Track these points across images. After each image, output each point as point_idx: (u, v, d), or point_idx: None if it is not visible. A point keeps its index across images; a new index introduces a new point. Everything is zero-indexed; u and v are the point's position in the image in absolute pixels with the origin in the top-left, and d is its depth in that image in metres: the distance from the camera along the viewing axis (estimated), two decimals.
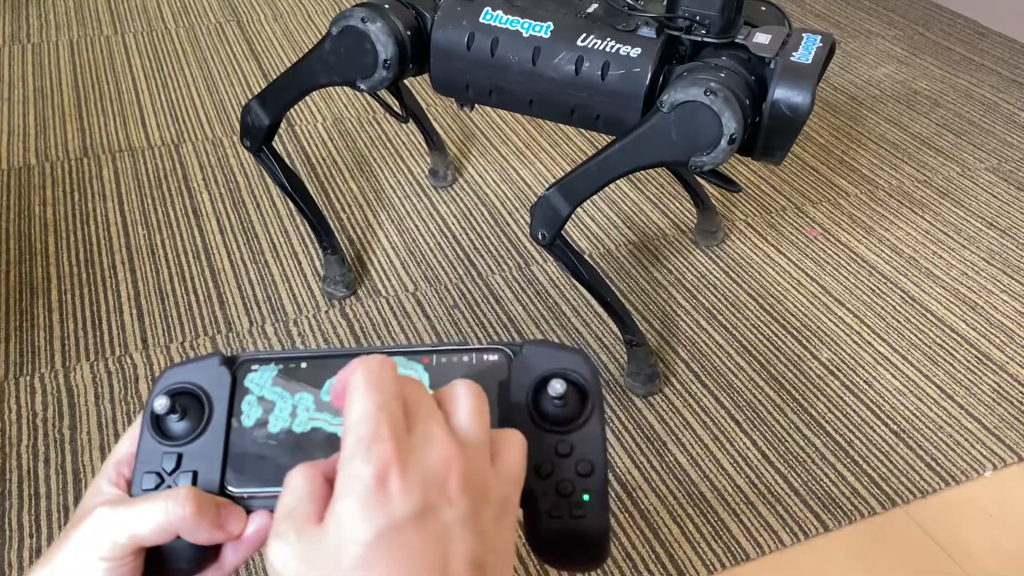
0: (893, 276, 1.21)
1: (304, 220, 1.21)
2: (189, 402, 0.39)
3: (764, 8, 0.94)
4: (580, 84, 0.88)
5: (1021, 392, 1.04)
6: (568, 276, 1.17)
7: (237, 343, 1.07)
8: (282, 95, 1.01)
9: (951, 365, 1.07)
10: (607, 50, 0.87)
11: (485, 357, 0.39)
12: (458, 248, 1.24)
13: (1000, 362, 1.08)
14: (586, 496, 0.37)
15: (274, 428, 0.37)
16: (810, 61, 0.83)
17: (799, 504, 0.90)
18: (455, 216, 1.30)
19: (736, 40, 0.86)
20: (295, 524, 0.30)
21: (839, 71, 1.74)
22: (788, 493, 0.91)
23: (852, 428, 0.99)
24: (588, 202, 1.22)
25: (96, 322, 1.09)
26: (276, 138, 1.05)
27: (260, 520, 0.37)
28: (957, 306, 1.17)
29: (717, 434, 0.97)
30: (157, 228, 1.25)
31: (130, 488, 0.38)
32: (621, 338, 1.01)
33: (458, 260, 1.22)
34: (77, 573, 0.34)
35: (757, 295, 1.17)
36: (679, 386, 1.03)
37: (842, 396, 1.02)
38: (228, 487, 0.37)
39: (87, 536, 0.35)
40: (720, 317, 1.13)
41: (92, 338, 1.07)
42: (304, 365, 0.39)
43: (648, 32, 0.86)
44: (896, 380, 1.05)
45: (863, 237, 1.29)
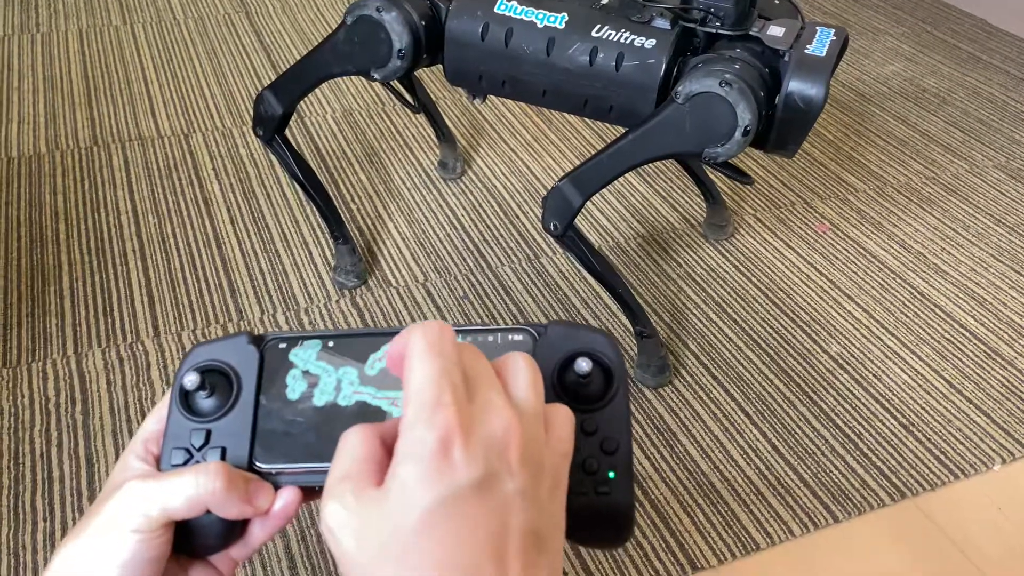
0: (902, 271, 1.22)
1: (315, 210, 1.21)
2: (218, 379, 0.39)
3: (778, 2, 0.94)
4: (594, 75, 0.88)
5: None
6: (579, 268, 1.18)
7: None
8: (295, 84, 1.02)
9: (960, 360, 1.08)
10: (621, 41, 0.87)
11: (510, 337, 0.40)
12: (468, 239, 1.24)
13: (1009, 357, 1.08)
14: (611, 473, 0.37)
15: (319, 401, 0.38)
16: (824, 54, 0.83)
17: (809, 495, 0.90)
18: (465, 208, 1.30)
19: (750, 32, 0.86)
20: (353, 485, 0.30)
21: (847, 68, 1.74)
22: (798, 484, 0.92)
23: (861, 421, 0.99)
24: (597, 195, 1.22)
25: (107, 309, 1.09)
26: (286, 129, 1.05)
27: (288, 496, 0.38)
28: (966, 302, 1.17)
29: (727, 426, 0.98)
30: (168, 217, 1.26)
31: (159, 464, 0.38)
32: (631, 330, 1.01)
33: (468, 251, 1.22)
34: (109, 545, 0.35)
35: (767, 289, 1.17)
36: (689, 378, 1.03)
37: (851, 389, 1.03)
38: (256, 463, 0.38)
39: (118, 509, 0.35)
40: (730, 310, 1.14)
41: (104, 325, 1.07)
42: (346, 341, 0.39)
43: (663, 24, 0.87)
44: (905, 374, 1.05)
45: (872, 232, 1.29)
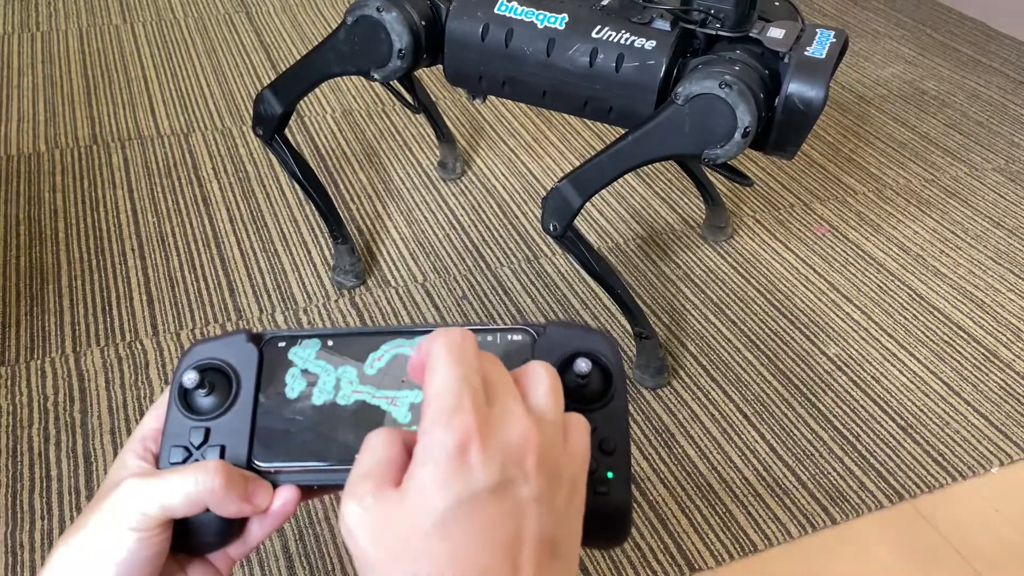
0: (900, 273, 1.22)
1: (315, 209, 1.21)
2: (217, 377, 0.39)
3: (777, 3, 0.94)
4: (594, 76, 0.89)
5: None
6: (578, 269, 1.18)
7: None
8: (295, 84, 1.02)
9: (958, 362, 1.08)
10: (622, 42, 0.87)
11: (510, 337, 0.40)
12: (467, 240, 1.24)
13: (1007, 360, 1.08)
14: (610, 473, 0.37)
15: (318, 400, 0.38)
16: (824, 56, 0.84)
17: (807, 497, 0.91)
18: (464, 208, 1.30)
19: (750, 34, 0.86)
20: (372, 485, 0.31)
21: (847, 70, 1.74)
22: (796, 486, 0.92)
23: (859, 423, 0.99)
24: (597, 197, 1.23)
25: (106, 308, 1.09)
26: (286, 129, 1.05)
27: (286, 494, 0.38)
28: (964, 304, 1.17)
29: (725, 427, 0.98)
30: (167, 216, 1.26)
31: (157, 462, 0.38)
32: (630, 331, 1.02)
33: (467, 252, 1.22)
34: (107, 543, 0.35)
35: (765, 290, 1.17)
36: (687, 379, 1.03)
37: (849, 391, 1.03)
38: (255, 462, 0.38)
39: (117, 507, 0.35)
40: (728, 312, 1.14)
41: (102, 324, 1.07)
42: (346, 340, 0.39)
43: (663, 25, 0.87)
44: (903, 376, 1.05)
45: (871, 235, 1.29)
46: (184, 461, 0.38)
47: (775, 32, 0.85)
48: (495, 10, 0.91)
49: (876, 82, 1.71)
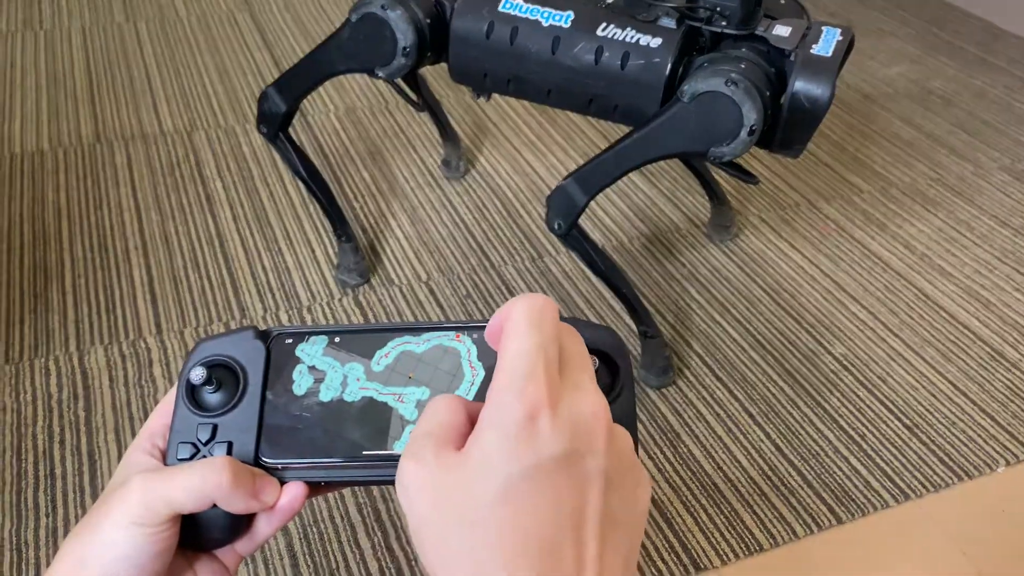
0: (907, 273, 1.21)
1: (319, 208, 1.21)
2: (224, 374, 0.39)
3: (783, 1, 0.94)
4: (599, 74, 0.88)
5: None
6: (582, 267, 1.18)
7: None
8: (299, 82, 1.01)
9: (964, 362, 1.07)
10: (627, 40, 0.87)
11: None
12: (471, 239, 1.24)
13: (1013, 359, 1.08)
14: None
15: (325, 397, 0.38)
16: (830, 54, 0.83)
17: (812, 496, 0.90)
18: (468, 207, 1.30)
19: (756, 32, 0.86)
20: (434, 445, 0.29)
21: (852, 69, 1.73)
22: (801, 485, 0.91)
23: (865, 422, 0.99)
24: (601, 195, 1.23)
25: (110, 306, 1.09)
26: (289, 127, 1.05)
27: (293, 491, 0.37)
28: (970, 303, 1.16)
29: (731, 426, 0.97)
30: (170, 214, 1.25)
31: (165, 458, 0.38)
32: (635, 330, 1.01)
33: (471, 250, 1.22)
34: (115, 539, 0.34)
35: (771, 290, 1.17)
36: (693, 379, 1.03)
37: (855, 391, 1.02)
38: (263, 458, 0.38)
39: (125, 503, 0.35)
40: (734, 311, 1.13)
41: (106, 322, 1.07)
42: (353, 336, 0.39)
43: (668, 22, 0.86)
44: (909, 376, 1.05)
45: (876, 234, 1.29)
46: (191, 457, 0.37)
47: (781, 30, 0.85)
48: (500, 8, 0.90)
49: (882, 81, 1.71)
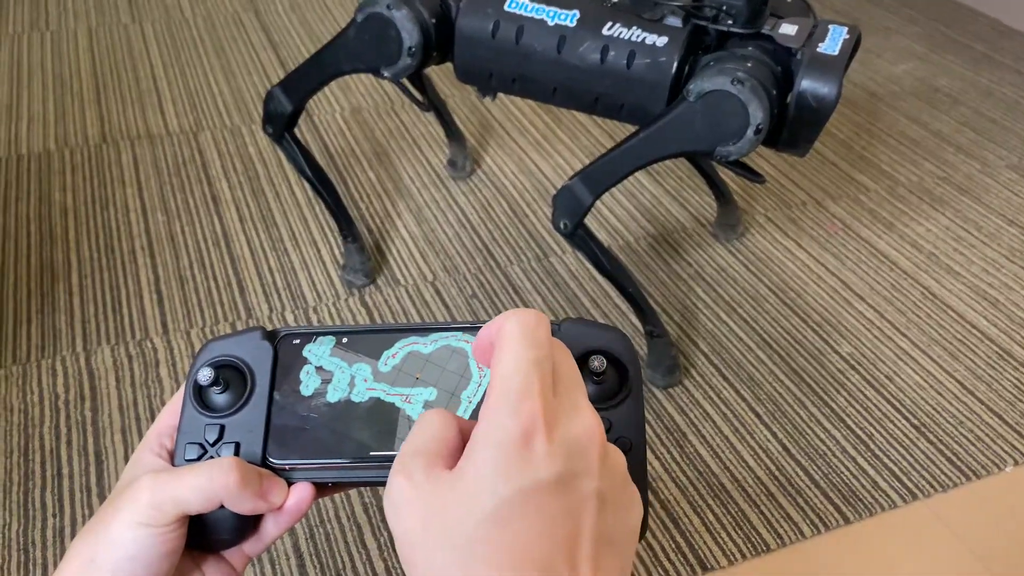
0: (914, 272, 1.21)
1: (324, 208, 1.21)
2: (231, 375, 0.39)
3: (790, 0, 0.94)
4: (605, 73, 0.88)
5: None
6: (588, 267, 1.17)
7: None
8: (305, 82, 1.02)
9: (972, 361, 1.07)
10: (633, 39, 0.87)
11: None
12: (476, 238, 1.24)
13: (1021, 358, 1.07)
14: None
15: (332, 397, 0.38)
16: (837, 52, 0.83)
17: (820, 496, 0.90)
18: (473, 207, 1.30)
19: (762, 31, 0.85)
20: (424, 463, 0.29)
21: (859, 67, 1.73)
22: (809, 485, 0.91)
23: (873, 422, 0.98)
24: (607, 195, 1.22)
25: (116, 307, 1.09)
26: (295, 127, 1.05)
27: (301, 492, 0.37)
28: (978, 302, 1.16)
29: (738, 426, 0.97)
30: (176, 215, 1.26)
31: (172, 459, 0.38)
32: (641, 330, 1.01)
33: (477, 250, 1.22)
34: (124, 539, 0.34)
35: (778, 289, 1.17)
36: (699, 378, 1.03)
37: (863, 390, 1.02)
38: (270, 459, 0.38)
39: (133, 503, 0.35)
40: (740, 310, 1.13)
41: (113, 322, 1.07)
42: (360, 337, 0.39)
43: (674, 21, 0.86)
44: (917, 375, 1.04)
45: (883, 232, 1.28)
46: (199, 458, 0.37)
47: (787, 28, 0.85)
48: (505, 7, 0.90)
49: (888, 79, 1.70)
